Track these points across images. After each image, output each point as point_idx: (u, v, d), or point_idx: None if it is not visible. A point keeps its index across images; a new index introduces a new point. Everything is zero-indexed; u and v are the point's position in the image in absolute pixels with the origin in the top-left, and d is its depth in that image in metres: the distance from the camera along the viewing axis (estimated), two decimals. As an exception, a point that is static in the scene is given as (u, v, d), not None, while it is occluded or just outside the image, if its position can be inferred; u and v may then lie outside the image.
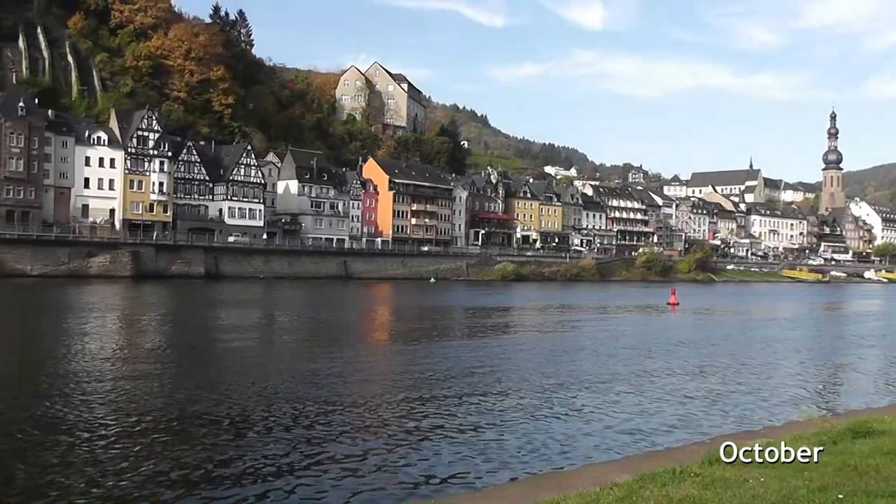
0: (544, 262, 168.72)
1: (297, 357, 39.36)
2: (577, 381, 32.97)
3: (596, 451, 21.62)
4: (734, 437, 22.21)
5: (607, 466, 19.06)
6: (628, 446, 22.27)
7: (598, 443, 22.64)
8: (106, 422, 23.62)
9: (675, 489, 13.66)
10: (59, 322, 54.17)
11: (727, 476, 14.29)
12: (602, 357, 41.08)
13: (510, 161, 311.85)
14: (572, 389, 30.94)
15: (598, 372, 35.68)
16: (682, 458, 17.31)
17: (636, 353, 43.28)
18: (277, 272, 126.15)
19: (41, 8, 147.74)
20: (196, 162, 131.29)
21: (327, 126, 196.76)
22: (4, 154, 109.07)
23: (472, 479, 18.81)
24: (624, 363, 38.93)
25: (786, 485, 13.33)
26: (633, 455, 21.04)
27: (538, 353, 42.36)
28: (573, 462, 20.45)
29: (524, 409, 27.06)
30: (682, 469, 15.11)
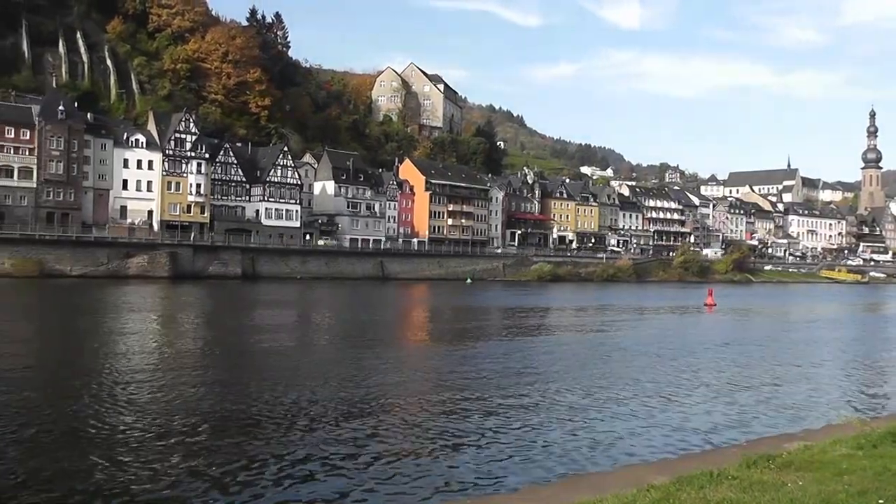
0: (581, 262, 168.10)
1: (333, 358, 39.37)
2: (614, 382, 32.81)
3: (632, 453, 21.49)
4: (772, 439, 22.09)
5: (644, 468, 18.93)
6: (665, 448, 22.13)
7: (635, 444, 22.50)
8: (143, 420, 23.82)
9: (713, 492, 13.58)
10: (98, 322, 54.68)
11: (765, 479, 14.18)
12: (639, 358, 40.84)
13: (546, 161, 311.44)
14: (609, 391, 30.79)
15: (634, 373, 35.47)
16: (719, 461, 17.22)
17: (673, 354, 42.97)
18: (314, 273, 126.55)
19: (81, 13, 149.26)
20: (233, 163, 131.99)
21: (363, 127, 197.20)
22: (45, 157, 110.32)
23: (509, 479, 18.78)
24: (660, 365, 38.69)
25: (824, 489, 13.19)
26: (670, 457, 20.90)
27: (575, 355, 42.12)
28: (610, 463, 20.36)
29: (561, 409, 26.97)
30: (719, 472, 15.05)
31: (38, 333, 48.68)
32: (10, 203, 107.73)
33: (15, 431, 22.15)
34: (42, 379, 31.14)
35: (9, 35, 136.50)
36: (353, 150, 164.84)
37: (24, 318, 57.93)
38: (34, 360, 36.66)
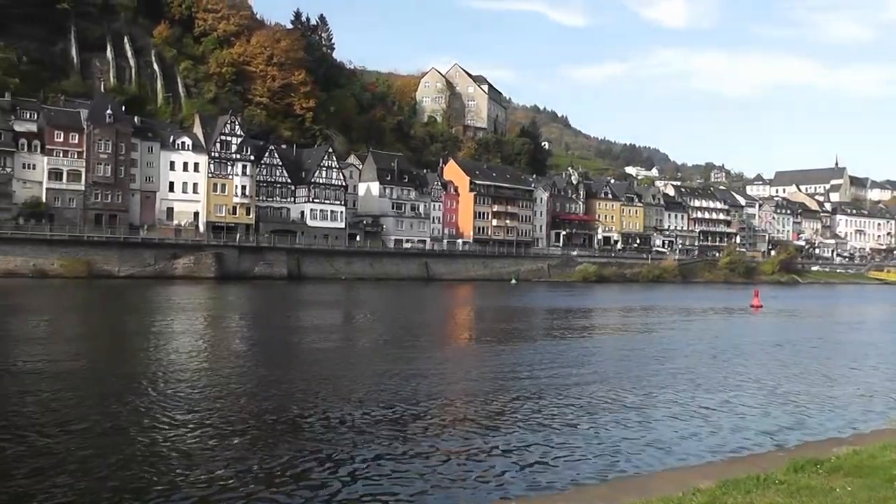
0: (626, 263, 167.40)
1: (378, 358, 39.34)
2: (660, 384, 32.46)
3: (678, 455, 21.24)
4: (820, 443, 21.77)
5: (690, 471, 18.71)
6: (711, 451, 21.82)
7: (681, 447, 22.24)
8: (191, 418, 23.98)
9: (759, 496, 13.43)
10: (146, 321, 55.16)
11: (813, 484, 14.00)
12: (684, 360, 40.41)
13: (591, 162, 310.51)
14: (655, 392, 30.48)
15: (680, 375, 35.09)
16: (766, 465, 17.03)
17: (719, 356, 42.50)
18: (359, 273, 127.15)
19: (128, 19, 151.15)
20: (278, 165, 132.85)
21: (408, 128, 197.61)
22: (93, 160, 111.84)
23: (554, 480, 18.66)
24: (706, 366, 38.24)
25: (874, 495, 13.00)
26: (716, 460, 20.63)
27: (621, 356, 41.80)
28: (655, 465, 20.14)
29: (606, 411, 26.75)
30: (766, 476, 14.91)
31: (88, 332, 49.17)
32: (60, 205, 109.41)
33: (66, 427, 22.38)
34: (91, 376, 31.38)
35: (58, 41, 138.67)
36: (398, 151, 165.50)
37: (74, 318, 58.61)
38: (84, 358, 37.00)
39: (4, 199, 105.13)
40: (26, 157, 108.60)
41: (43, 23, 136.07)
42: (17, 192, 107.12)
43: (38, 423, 22.60)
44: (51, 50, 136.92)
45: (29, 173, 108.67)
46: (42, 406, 24.96)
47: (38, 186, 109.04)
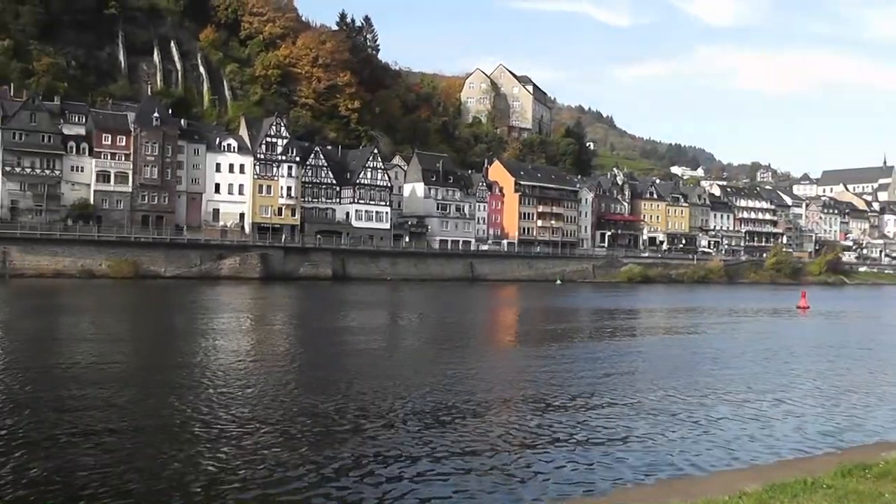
0: (671, 263, 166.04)
1: (424, 359, 39.19)
2: (706, 385, 31.99)
3: (724, 458, 20.90)
4: (868, 448, 21.35)
5: (736, 474, 18.43)
6: (758, 454, 21.44)
7: (727, 449, 21.87)
8: (236, 417, 24.04)
9: (806, 501, 13.19)
10: (192, 321, 55.76)
11: (861, 489, 13.67)
12: (731, 361, 39.87)
13: (636, 162, 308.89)
14: (701, 394, 30.04)
15: (726, 377, 34.56)
16: (813, 469, 16.77)
17: (766, 358, 41.85)
18: (404, 274, 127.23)
19: (175, 23, 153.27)
20: (323, 166, 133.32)
21: (453, 129, 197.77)
22: (140, 162, 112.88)
23: (600, 483, 18.47)
24: (753, 368, 37.65)
25: None
26: (763, 464, 20.27)
27: (666, 357, 41.32)
28: (701, 468, 19.84)
29: (652, 413, 26.38)
30: (813, 480, 14.61)
31: (135, 332, 49.67)
32: (107, 207, 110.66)
33: (116, 425, 22.52)
34: (140, 376, 31.62)
35: (106, 46, 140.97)
36: (443, 151, 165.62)
37: (121, 318, 59.12)
38: (131, 357, 37.35)
39: (53, 201, 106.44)
40: (75, 160, 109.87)
41: (91, 28, 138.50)
42: (66, 195, 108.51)
43: (88, 422, 22.72)
44: (99, 54, 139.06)
45: (77, 176, 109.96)
46: (91, 405, 25.11)
47: (86, 188, 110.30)
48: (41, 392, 27.01)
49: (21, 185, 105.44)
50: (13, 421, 22.73)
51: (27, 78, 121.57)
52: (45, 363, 33.55)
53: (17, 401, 25.47)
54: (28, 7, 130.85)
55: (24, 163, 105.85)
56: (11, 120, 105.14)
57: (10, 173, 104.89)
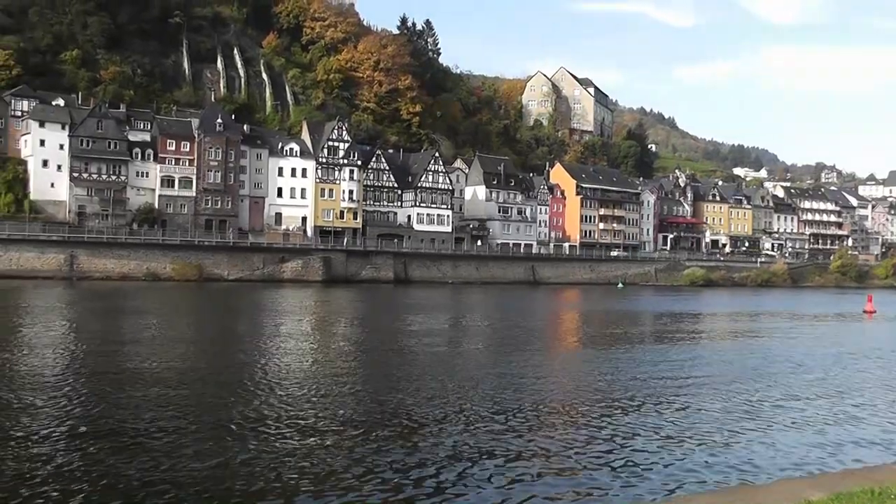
0: (734, 267, 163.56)
1: (486, 362, 38.89)
2: (769, 391, 31.25)
3: (789, 466, 20.34)
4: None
5: (801, 482, 17.90)
6: (823, 463, 20.83)
7: (792, 457, 21.29)
8: (297, 417, 24.04)
9: None
10: (255, 323, 56.22)
11: None
12: (795, 367, 38.93)
13: (698, 164, 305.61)
14: (764, 400, 29.33)
15: (791, 382, 33.73)
16: (881, 479, 16.21)
17: (830, 363, 40.74)
18: (465, 277, 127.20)
19: (238, 30, 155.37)
20: (385, 170, 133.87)
21: (514, 132, 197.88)
22: (204, 167, 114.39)
23: (661, 489, 18.12)
24: (819, 374, 36.66)
25: None
26: (829, 472, 19.68)
27: (729, 362, 40.48)
28: (764, 476, 19.35)
29: (714, 417, 25.84)
30: (881, 490, 14.26)
31: (199, 333, 50.01)
32: (172, 211, 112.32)
33: (178, 423, 22.79)
34: (203, 375, 31.90)
35: (171, 54, 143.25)
36: (504, 154, 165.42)
37: (185, 320, 59.69)
38: (196, 358, 37.62)
39: (119, 206, 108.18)
40: (140, 166, 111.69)
41: (157, 37, 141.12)
42: (131, 199, 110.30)
43: (151, 421, 22.88)
44: (164, 62, 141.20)
45: (142, 181, 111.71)
46: (156, 405, 25.32)
47: (150, 193, 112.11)
48: (109, 391, 27.31)
49: (88, 190, 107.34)
50: (81, 419, 23.02)
51: (95, 86, 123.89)
52: (111, 364, 33.92)
53: (86, 400, 25.78)
54: (96, 18, 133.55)
55: (91, 169, 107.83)
56: (79, 127, 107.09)
57: (78, 179, 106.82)
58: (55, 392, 26.99)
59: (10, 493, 16.42)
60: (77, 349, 38.73)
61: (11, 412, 23.81)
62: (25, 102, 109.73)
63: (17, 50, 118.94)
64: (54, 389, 27.38)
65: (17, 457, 18.89)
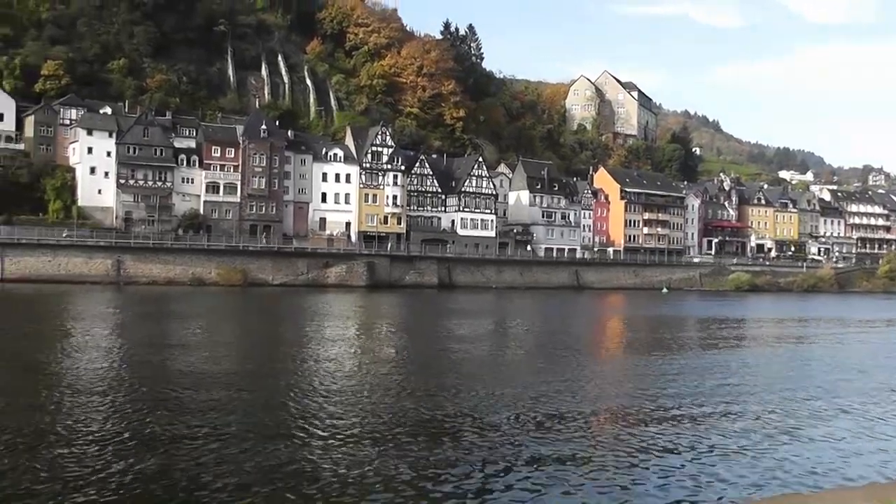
0: (780, 271, 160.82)
1: (529, 367, 38.78)
2: (818, 400, 30.83)
3: (836, 476, 20.14)
4: None
5: (849, 493, 17.75)
6: (871, 473, 20.54)
7: (843, 467, 21.05)
8: (339, 421, 24.20)
9: None
10: (299, 327, 56.62)
11: None
12: (843, 375, 38.36)
13: (743, 167, 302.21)
14: (811, 408, 28.98)
15: (840, 391, 33.22)
16: None
17: (881, 371, 40.06)
18: (509, 282, 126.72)
19: (282, 37, 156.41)
20: (428, 175, 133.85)
21: (557, 136, 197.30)
22: (248, 173, 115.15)
23: (708, 499, 17.94)
24: (866, 382, 36.11)
25: None
26: (880, 482, 19.41)
27: (776, 369, 40.06)
28: (813, 485, 19.16)
29: (761, 427, 25.53)
30: None
31: (244, 338, 50.45)
32: (217, 217, 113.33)
33: (223, 425, 23.06)
34: (248, 379, 32.29)
35: (216, 61, 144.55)
36: (548, 159, 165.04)
37: (230, 324, 60.20)
38: (241, 361, 38.06)
39: (165, 212, 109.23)
40: (185, 172, 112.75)
41: (202, 45, 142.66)
42: (177, 205, 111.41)
43: (196, 425, 23.09)
44: (209, 70, 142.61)
45: (187, 187, 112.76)
46: (199, 409, 25.56)
47: (196, 199, 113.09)
48: (155, 394, 27.65)
49: (134, 196, 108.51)
50: (128, 421, 23.31)
51: (141, 94, 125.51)
52: (158, 367, 34.31)
53: (132, 402, 26.15)
54: (142, 27, 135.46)
55: (137, 175, 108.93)
56: (126, 135, 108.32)
57: (125, 185, 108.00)
58: (103, 394, 27.29)
59: (58, 493, 16.55)
60: (124, 353, 39.12)
61: (60, 414, 24.17)
62: (74, 111, 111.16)
63: (66, 60, 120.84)
64: (102, 392, 27.67)
65: (64, 457, 19.13)
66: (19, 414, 23.91)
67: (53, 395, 26.87)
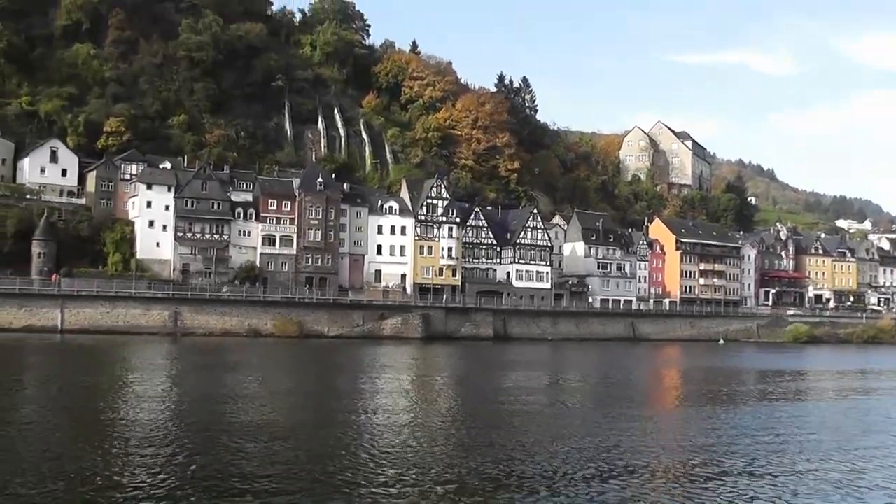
0: (839, 322, 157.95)
1: (585, 421, 38.44)
2: (876, 457, 30.08)
3: None
4: None
5: None
6: None
7: None
8: (393, 474, 24.09)
9: None
10: (354, 379, 56.65)
11: None
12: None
13: (799, 216, 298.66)
14: (871, 466, 28.25)
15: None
16: None
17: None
18: (564, 334, 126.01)
19: (338, 91, 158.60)
20: (483, 227, 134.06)
21: (612, 187, 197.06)
22: (304, 226, 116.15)
23: None
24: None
25: None
26: None
27: (835, 424, 39.18)
28: None
29: (819, 484, 24.96)
30: None
31: (299, 389, 50.65)
32: (273, 269, 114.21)
33: (278, 477, 23.12)
34: (302, 430, 32.44)
35: (273, 116, 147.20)
36: (602, 210, 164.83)
37: (286, 375, 60.49)
38: (295, 413, 38.24)
39: (222, 264, 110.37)
40: (242, 225, 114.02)
41: (259, 100, 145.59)
42: (234, 258, 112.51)
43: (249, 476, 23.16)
44: (266, 124, 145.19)
45: (244, 240, 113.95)
46: (254, 459, 25.65)
47: (252, 252, 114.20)
48: (211, 444, 27.88)
49: (192, 249, 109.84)
50: (184, 471, 23.43)
51: (200, 149, 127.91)
52: (214, 417, 34.52)
53: (189, 451, 26.37)
54: (202, 84, 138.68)
55: (195, 228, 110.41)
56: (184, 189, 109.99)
57: (183, 238, 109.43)
58: (160, 444, 27.47)
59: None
60: (181, 403, 39.42)
61: (118, 463, 24.32)
62: (134, 166, 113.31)
63: (127, 117, 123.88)
64: (159, 442, 27.88)
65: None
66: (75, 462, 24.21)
67: (106, 445, 27.16)
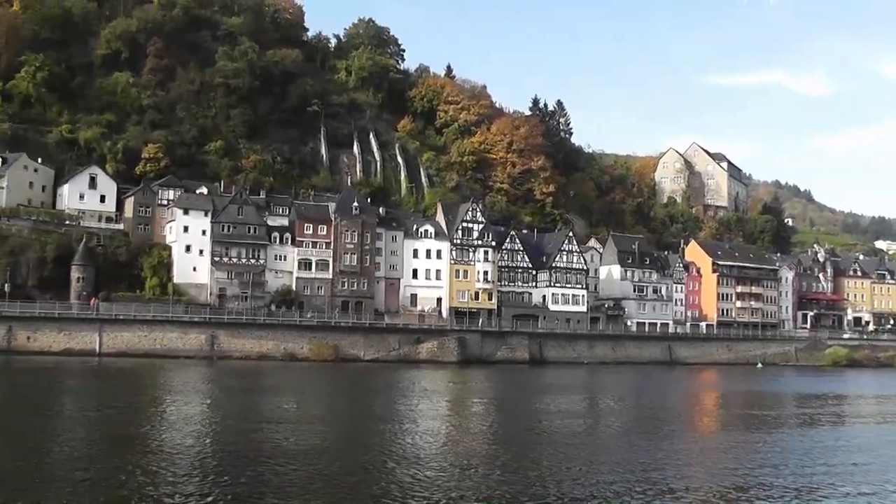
0: (879, 345, 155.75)
1: (621, 444, 38.35)
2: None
3: None
4: None
5: None
6: None
7: None
8: (428, 497, 23.94)
9: None
10: (390, 403, 56.77)
11: None
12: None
13: (837, 237, 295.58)
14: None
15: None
16: None
17: None
18: (600, 357, 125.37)
19: (373, 115, 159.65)
20: (519, 250, 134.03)
21: (648, 209, 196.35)
22: (340, 250, 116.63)
23: None
24: None
25: None
26: None
27: (877, 450, 38.64)
28: None
29: None
30: None
31: (335, 413, 50.94)
32: (309, 293, 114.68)
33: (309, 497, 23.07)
34: (338, 454, 32.59)
35: (309, 140, 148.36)
36: (638, 233, 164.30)
37: (323, 399, 60.81)
38: (331, 436, 38.34)
39: (258, 288, 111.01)
40: (278, 249, 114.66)
41: (295, 125, 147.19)
42: (270, 282, 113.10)
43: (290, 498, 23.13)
44: (302, 149, 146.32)
45: (280, 264, 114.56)
46: (290, 482, 25.74)
47: (288, 276, 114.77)
48: (247, 466, 28.03)
49: (228, 273, 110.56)
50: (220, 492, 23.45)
51: (236, 174, 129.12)
52: (251, 440, 34.80)
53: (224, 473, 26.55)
54: (238, 110, 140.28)
55: (231, 253, 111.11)
56: (221, 214, 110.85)
57: (219, 263, 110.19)
58: (196, 466, 27.64)
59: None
60: (219, 426, 39.67)
61: (155, 484, 24.49)
62: (171, 192, 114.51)
63: (165, 143, 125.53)
64: (195, 464, 28.03)
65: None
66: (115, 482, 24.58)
67: (141, 466, 27.40)
